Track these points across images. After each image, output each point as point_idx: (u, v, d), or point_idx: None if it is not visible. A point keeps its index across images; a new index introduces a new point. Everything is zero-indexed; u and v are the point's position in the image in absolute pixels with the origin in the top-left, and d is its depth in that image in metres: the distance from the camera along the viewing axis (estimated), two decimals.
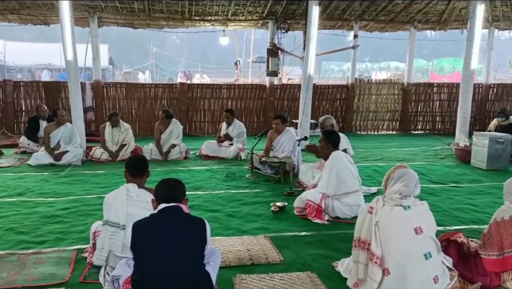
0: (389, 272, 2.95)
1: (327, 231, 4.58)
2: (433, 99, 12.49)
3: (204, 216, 4.88)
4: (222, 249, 3.90)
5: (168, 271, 2.54)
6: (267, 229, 4.58)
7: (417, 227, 2.99)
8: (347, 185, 4.96)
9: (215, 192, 5.98)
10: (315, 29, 8.82)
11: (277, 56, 10.80)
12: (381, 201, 3.16)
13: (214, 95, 11.38)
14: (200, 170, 7.28)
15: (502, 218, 3.38)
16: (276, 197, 5.73)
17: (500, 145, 7.54)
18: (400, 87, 12.33)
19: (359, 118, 12.25)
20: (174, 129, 8.12)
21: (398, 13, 11.62)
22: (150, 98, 11.09)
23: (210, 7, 10.57)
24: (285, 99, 11.71)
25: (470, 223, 4.86)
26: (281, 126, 7.11)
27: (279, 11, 10.82)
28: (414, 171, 3.25)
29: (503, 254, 3.29)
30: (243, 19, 11.17)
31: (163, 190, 2.74)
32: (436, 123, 12.54)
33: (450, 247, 3.50)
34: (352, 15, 11.47)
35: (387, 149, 9.57)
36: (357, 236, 3.20)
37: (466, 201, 5.73)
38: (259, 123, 11.54)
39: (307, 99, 9.00)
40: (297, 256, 3.91)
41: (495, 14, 11.60)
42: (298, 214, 5.04)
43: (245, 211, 5.18)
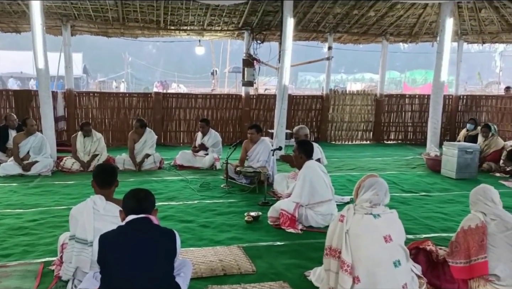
0: (359, 280, 2.98)
1: (301, 240, 4.60)
2: (405, 110, 12.77)
3: (177, 226, 4.84)
4: (194, 260, 3.85)
5: (136, 284, 2.49)
6: (241, 239, 4.56)
7: (387, 235, 3.03)
8: (320, 194, 5.00)
9: (189, 202, 5.92)
10: (290, 40, 8.93)
11: (252, 66, 10.86)
12: (352, 209, 3.19)
13: (190, 105, 11.34)
14: (174, 180, 7.21)
15: (469, 226, 3.46)
16: (250, 206, 5.72)
17: (469, 155, 7.75)
18: (373, 98, 12.57)
19: (333, 129, 12.40)
20: (148, 139, 8.04)
21: (370, 25, 11.89)
22: (124, 108, 10.96)
23: (186, 17, 10.58)
24: (261, 109, 11.76)
25: (440, 231, 4.96)
26: (256, 136, 7.14)
27: (254, 22, 10.92)
28: (385, 180, 3.31)
29: (470, 261, 3.36)
30: (219, 29, 11.21)
31: (131, 200, 2.68)
32: (408, 133, 12.81)
33: (419, 255, 3.56)
34: (326, 27, 11.67)
35: (361, 159, 9.71)
36: (328, 245, 3.21)
37: (436, 209, 5.86)
38: (234, 133, 11.55)
39: (282, 109, 9.07)
40: (270, 266, 3.90)
41: (463, 28, 12.00)
42: (272, 223, 5.04)
43: (219, 221, 5.15)
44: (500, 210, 3.53)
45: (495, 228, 3.40)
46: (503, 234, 3.39)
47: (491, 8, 10.89)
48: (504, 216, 3.49)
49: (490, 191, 3.61)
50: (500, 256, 3.33)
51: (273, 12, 10.58)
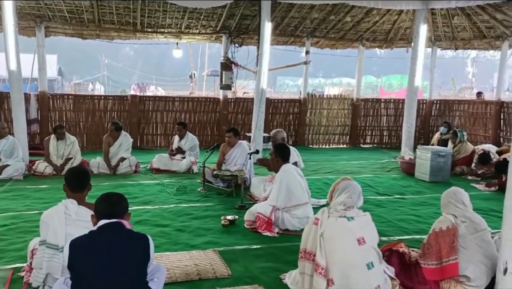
0: (333, 283, 3.01)
1: (277, 243, 4.61)
2: (381, 114, 12.97)
3: (152, 231, 4.79)
4: (169, 265, 3.82)
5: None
6: (217, 243, 4.54)
7: (360, 238, 3.07)
8: (297, 197, 5.03)
9: (165, 206, 5.86)
10: (268, 44, 8.97)
11: (230, 70, 10.85)
12: (326, 212, 3.23)
13: (167, 108, 11.24)
14: (150, 183, 7.13)
15: (440, 228, 3.54)
16: (227, 210, 5.70)
17: (441, 158, 7.92)
18: (350, 102, 12.73)
19: (311, 132, 12.49)
20: (124, 142, 7.93)
21: (347, 31, 12.05)
22: (100, 111, 10.79)
23: (163, 19, 10.50)
24: (238, 113, 11.76)
25: (413, 233, 5.05)
26: (233, 139, 7.13)
27: (232, 25, 10.93)
28: (361, 183, 3.36)
29: (441, 263, 3.43)
30: (196, 32, 11.17)
31: (103, 205, 2.64)
32: (383, 137, 13.01)
33: (392, 257, 3.62)
34: (304, 32, 11.78)
35: (337, 162, 9.80)
36: (303, 248, 3.23)
37: (410, 211, 5.96)
38: (212, 136, 11.51)
39: (260, 113, 9.09)
40: (246, 269, 3.89)
41: (437, 34, 12.29)
42: (248, 227, 5.04)
43: (195, 225, 5.11)
44: (470, 212, 3.63)
45: (465, 230, 3.49)
46: (473, 235, 3.47)
47: (463, 15, 11.19)
48: (474, 218, 3.58)
49: (460, 193, 3.70)
50: (470, 257, 3.41)
51: (251, 16, 10.62)
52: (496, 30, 11.29)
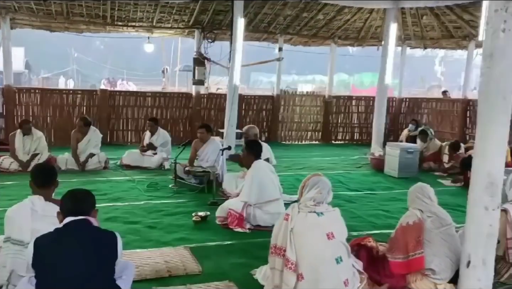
0: (303, 277, 3.04)
1: (248, 239, 4.62)
2: (352, 112, 13.17)
3: (122, 228, 4.71)
4: (139, 262, 3.77)
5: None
6: (188, 240, 4.51)
7: (329, 233, 3.11)
8: (268, 193, 5.05)
9: (136, 203, 5.79)
10: (241, 40, 8.95)
11: (203, 65, 10.78)
12: (296, 208, 3.25)
13: (138, 103, 11.07)
14: (120, 180, 7.01)
15: (407, 223, 3.63)
16: (199, 207, 5.67)
17: (410, 155, 8.12)
18: (322, 99, 12.86)
19: (284, 129, 12.56)
20: (93, 138, 7.76)
21: (319, 28, 12.15)
22: (68, 105, 10.52)
23: (134, 13, 10.31)
24: (211, 109, 11.69)
25: (382, 227, 5.15)
26: (206, 135, 7.08)
27: (205, 20, 10.84)
28: (333, 179, 3.41)
29: (408, 257, 3.51)
30: (168, 26, 11.02)
31: (68, 201, 2.58)
32: (354, 134, 13.21)
33: (361, 251, 3.68)
34: (277, 28, 11.80)
35: (310, 158, 9.90)
36: (274, 243, 3.25)
37: (380, 207, 6.09)
38: (185, 132, 11.40)
39: (233, 109, 9.07)
40: (217, 265, 3.89)
41: (407, 33, 12.55)
42: (220, 223, 5.03)
43: (166, 221, 5.07)
44: (436, 207, 3.73)
45: (431, 225, 3.59)
46: (438, 230, 3.57)
47: (432, 15, 11.46)
48: (439, 213, 3.68)
49: (427, 188, 3.81)
50: (436, 251, 3.51)
51: (224, 11, 10.56)
52: (463, 30, 11.63)
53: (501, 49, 3.03)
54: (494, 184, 3.06)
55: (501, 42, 3.03)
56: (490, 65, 3.06)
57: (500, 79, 3.04)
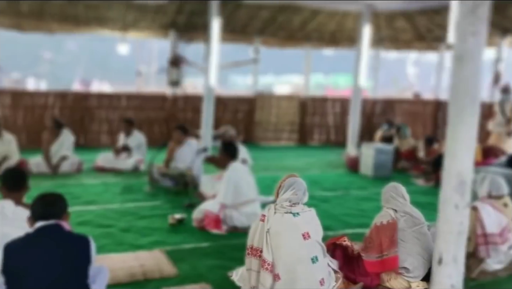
0: (279, 278, 3.05)
1: (225, 241, 4.62)
2: (328, 113, 13.30)
3: (95, 232, 4.63)
4: (113, 266, 3.70)
5: None
6: (164, 243, 4.47)
7: (305, 233, 3.13)
8: (245, 194, 5.05)
9: (110, 206, 5.69)
10: (217, 41, 8.93)
11: (179, 66, 10.71)
12: (272, 209, 3.27)
13: (113, 105, 10.89)
14: (94, 183, 6.89)
15: (381, 222, 3.68)
16: (175, 209, 5.63)
17: (384, 155, 8.26)
18: (298, 101, 12.94)
19: (260, 130, 12.58)
20: (65, 140, 7.59)
21: (295, 31, 12.24)
22: (40, 107, 10.26)
23: (107, 13, 10.14)
24: (188, 110, 11.61)
25: (357, 227, 5.22)
26: (182, 137, 7.03)
27: (181, 22, 10.76)
28: (309, 179, 3.44)
29: (382, 256, 3.56)
30: (143, 27, 10.90)
31: (39, 205, 2.52)
32: (330, 135, 13.33)
33: (336, 251, 3.72)
34: (253, 30, 11.82)
35: (286, 159, 9.95)
36: (250, 244, 3.25)
37: (354, 206, 6.17)
38: (160, 134, 11.27)
39: (209, 110, 9.05)
40: (193, 268, 3.87)
41: (380, 36, 12.76)
42: (196, 225, 5.00)
43: (141, 225, 5.01)
44: (408, 206, 3.80)
45: (405, 224, 3.65)
46: (412, 229, 3.64)
47: (405, 18, 11.69)
48: (412, 212, 3.75)
49: (400, 187, 3.88)
50: (409, 250, 3.57)
51: (200, 12, 10.48)
52: (435, 33, 11.91)
53: (470, 52, 3.12)
54: (464, 183, 3.14)
55: (469, 45, 3.11)
56: (460, 67, 3.14)
57: (469, 82, 3.12)
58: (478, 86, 3.14)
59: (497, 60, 10.59)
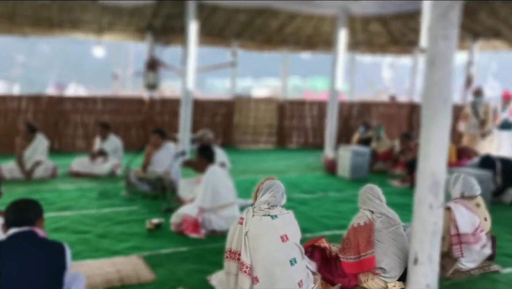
0: (258, 280, 3.05)
1: (204, 245, 4.59)
2: (306, 116, 13.39)
3: (70, 238, 4.55)
4: (89, 273, 3.64)
5: None
6: (141, 248, 4.41)
7: (283, 235, 3.15)
8: (223, 198, 5.04)
9: (86, 211, 5.59)
10: (194, 45, 8.90)
11: (156, 70, 10.62)
12: (251, 211, 3.27)
13: (88, 109, 10.71)
14: (69, 188, 6.75)
15: (358, 224, 3.73)
16: (153, 214, 5.56)
17: (360, 157, 8.36)
18: (276, 103, 13.00)
19: (239, 133, 12.57)
20: (39, 145, 7.42)
21: (272, 34, 12.30)
22: (13, 111, 10.00)
23: (82, 16, 9.98)
24: (165, 114, 11.51)
25: (335, 229, 5.27)
26: (159, 141, 6.97)
27: (157, 24, 10.68)
28: (287, 182, 3.45)
29: (359, 257, 3.61)
30: (119, 30, 10.77)
31: (12, 212, 2.46)
32: (308, 137, 13.42)
33: (314, 252, 3.75)
34: (231, 33, 11.83)
35: (265, 162, 9.97)
36: (228, 247, 3.25)
37: (332, 208, 6.23)
38: (138, 138, 11.13)
39: (187, 114, 9.00)
40: (171, 273, 3.83)
41: (356, 40, 12.94)
42: (175, 230, 4.96)
43: (118, 230, 4.94)
44: (384, 207, 3.86)
45: (381, 225, 3.71)
46: (388, 230, 3.70)
47: (380, 22, 11.91)
48: (388, 213, 3.82)
49: (376, 189, 3.95)
50: (386, 251, 3.63)
51: (177, 15, 10.43)
52: (409, 37, 12.15)
53: (442, 55, 3.20)
54: (437, 184, 3.21)
55: (441, 49, 3.19)
56: (432, 71, 3.22)
57: (442, 85, 3.20)
58: (450, 89, 3.22)
59: (468, 64, 10.87)
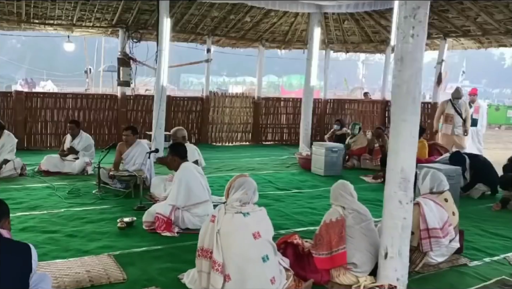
0: (230, 278, 3.04)
1: (177, 243, 4.54)
2: (281, 113, 13.45)
3: (39, 238, 4.43)
4: (57, 273, 3.56)
5: None
6: (112, 247, 4.33)
7: (256, 232, 3.15)
8: (197, 195, 5.00)
9: (55, 211, 5.45)
10: (167, 40, 8.80)
11: (129, 66, 10.43)
12: (223, 209, 3.25)
13: (58, 106, 10.45)
14: (38, 187, 6.57)
15: (330, 220, 3.77)
16: (125, 212, 5.48)
17: (334, 154, 8.45)
18: (252, 101, 13.00)
19: (214, 130, 12.52)
20: (7, 142, 7.19)
21: (247, 31, 12.27)
22: None
23: (52, 10, 9.70)
24: (139, 111, 11.35)
25: (308, 225, 5.31)
26: (131, 138, 6.87)
27: (129, 20, 10.49)
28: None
29: (331, 253, 3.65)
30: (90, 25, 10.52)
31: None
32: (283, 134, 13.49)
33: (287, 249, 3.77)
34: (205, 29, 11.74)
35: (240, 159, 9.96)
36: (200, 245, 3.23)
37: (306, 205, 6.27)
38: (110, 135, 10.95)
39: (161, 111, 8.89)
40: (143, 272, 3.77)
41: (330, 37, 13.06)
42: (147, 228, 4.89)
43: (88, 229, 4.83)
44: (356, 203, 3.92)
45: (352, 221, 3.76)
46: (359, 225, 3.76)
47: (353, 20, 12.04)
48: (359, 209, 3.87)
49: (348, 185, 4.00)
50: (357, 246, 3.68)
51: (149, 10, 10.29)
52: (381, 35, 12.34)
53: (411, 53, 3.25)
54: (406, 180, 3.28)
55: (410, 47, 3.25)
56: (401, 68, 3.27)
57: (410, 82, 3.26)
58: (419, 87, 3.29)
59: (439, 62, 11.10)
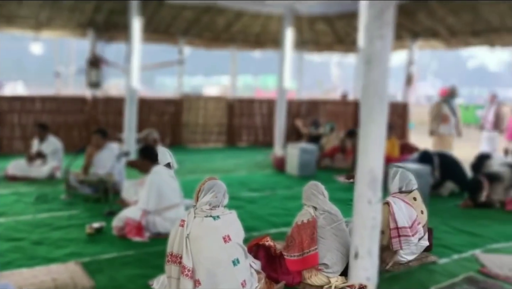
0: (200, 283, 3.00)
1: (148, 248, 4.46)
2: (255, 114, 13.43)
3: (4, 246, 4.30)
4: (22, 282, 3.44)
5: None
6: (80, 254, 4.22)
7: (226, 236, 3.11)
8: (168, 199, 4.92)
9: (21, 217, 5.27)
10: (138, 42, 8.67)
11: (99, 67, 10.23)
12: (192, 213, 3.21)
13: (26, 109, 10.14)
14: (4, 193, 6.35)
15: (302, 221, 3.77)
16: (94, 217, 5.33)
17: (308, 154, 8.49)
18: (226, 102, 12.94)
19: (188, 132, 12.40)
20: None
21: (220, 32, 12.21)
22: None
23: (18, 10, 9.41)
24: (109, 113, 11.11)
25: (282, 226, 5.28)
26: (101, 141, 6.72)
27: (100, 20, 10.28)
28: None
29: (303, 254, 3.64)
30: (59, 26, 10.26)
31: None
32: (258, 135, 13.48)
33: (259, 251, 3.74)
34: (177, 30, 11.62)
35: (214, 161, 9.89)
36: (170, 251, 3.17)
37: (280, 206, 6.26)
38: (80, 139, 10.67)
39: (132, 113, 8.75)
40: (111, 279, 3.69)
41: (303, 38, 13.13)
42: (117, 234, 4.78)
43: (56, 236, 4.69)
44: (328, 203, 3.93)
45: (324, 221, 3.76)
46: (330, 226, 3.76)
47: (325, 22, 12.14)
48: (331, 209, 3.88)
49: (320, 185, 4.01)
50: (328, 246, 3.69)
51: (120, 11, 10.09)
52: (352, 36, 12.47)
53: (378, 55, 3.28)
54: (375, 179, 3.30)
55: (377, 48, 3.27)
56: (368, 69, 3.29)
57: (378, 83, 3.29)
58: (386, 87, 3.32)
59: (409, 63, 11.32)
